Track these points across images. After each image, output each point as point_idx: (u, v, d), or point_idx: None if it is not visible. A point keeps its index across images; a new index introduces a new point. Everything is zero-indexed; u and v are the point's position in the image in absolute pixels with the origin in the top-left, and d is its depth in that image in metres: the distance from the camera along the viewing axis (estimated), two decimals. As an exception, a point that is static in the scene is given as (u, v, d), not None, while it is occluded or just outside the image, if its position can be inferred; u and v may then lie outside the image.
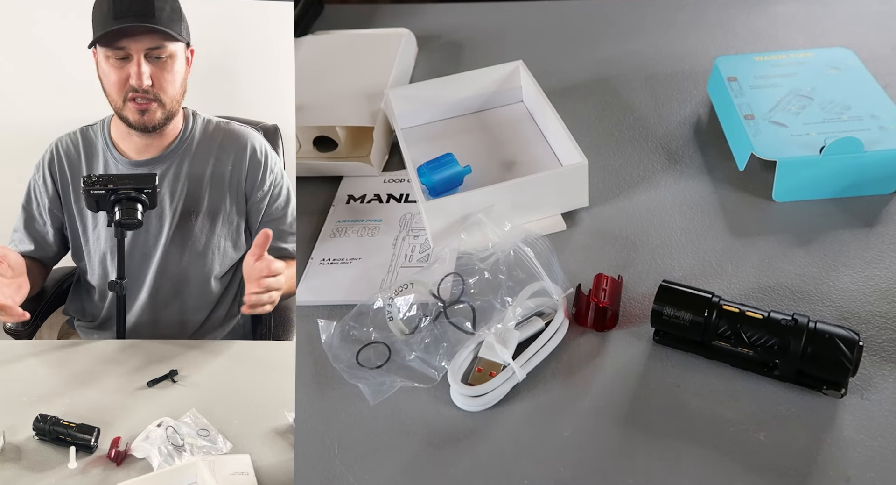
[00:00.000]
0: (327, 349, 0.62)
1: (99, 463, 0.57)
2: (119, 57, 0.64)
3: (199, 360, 0.66)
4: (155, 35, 0.64)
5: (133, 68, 0.64)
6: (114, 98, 0.66)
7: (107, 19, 0.64)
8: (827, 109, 0.73)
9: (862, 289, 0.62)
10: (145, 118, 0.66)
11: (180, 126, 0.68)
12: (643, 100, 0.87)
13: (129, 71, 0.64)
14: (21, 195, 0.69)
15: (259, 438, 0.59)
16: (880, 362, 0.56)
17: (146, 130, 0.66)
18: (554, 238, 0.69)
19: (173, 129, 0.68)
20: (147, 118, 0.66)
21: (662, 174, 0.76)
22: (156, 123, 0.66)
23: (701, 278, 0.64)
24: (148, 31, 0.64)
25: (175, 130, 0.68)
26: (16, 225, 0.69)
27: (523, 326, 0.60)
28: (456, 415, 0.57)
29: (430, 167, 0.73)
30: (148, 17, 0.64)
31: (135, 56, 0.64)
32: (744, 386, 0.56)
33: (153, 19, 0.64)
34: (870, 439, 0.52)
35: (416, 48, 1.01)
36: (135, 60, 0.64)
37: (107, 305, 0.68)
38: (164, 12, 0.64)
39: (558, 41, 1.01)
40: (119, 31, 0.63)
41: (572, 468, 0.53)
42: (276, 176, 0.69)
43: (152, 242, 0.67)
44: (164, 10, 0.64)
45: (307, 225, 0.76)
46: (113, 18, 0.64)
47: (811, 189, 0.70)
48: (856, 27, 0.93)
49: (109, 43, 0.64)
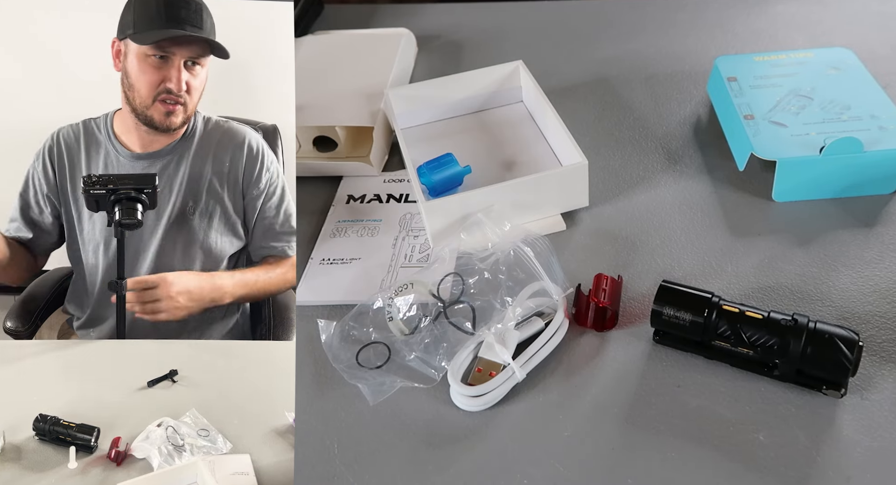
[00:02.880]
0: (327, 349, 0.62)
1: (99, 463, 0.57)
2: (160, 57, 0.65)
3: (199, 360, 0.66)
4: (201, 45, 0.66)
5: (173, 73, 0.66)
6: (143, 96, 0.66)
7: (156, 20, 0.65)
8: (827, 109, 0.73)
9: (862, 289, 0.62)
10: (169, 120, 0.67)
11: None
12: (643, 100, 0.87)
13: (168, 74, 0.66)
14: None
15: (259, 438, 0.59)
16: (880, 362, 0.56)
17: (164, 131, 0.67)
18: (554, 238, 0.69)
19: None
20: (171, 120, 0.67)
21: (662, 174, 0.76)
22: (176, 126, 0.68)
23: (701, 278, 0.64)
24: (196, 40, 0.65)
25: (180, 129, 0.68)
26: (12, 214, 0.69)
27: (523, 326, 0.60)
28: (456, 415, 0.57)
29: (429, 167, 0.73)
30: (198, 26, 0.65)
31: (176, 61, 0.65)
32: (744, 386, 0.56)
33: (202, 31, 0.65)
34: (870, 439, 0.52)
35: (415, 48, 1.01)
36: (175, 65, 0.66)
37: (96, 295, 0.69)
38: (208, 23, 0.66)
39: (558, 41, 1.01)
40: (175, 38, 0.64)
41: (572, 468, 0.53)
42: (271, 174, 0.70)
43: (147, 237, 0.68)
44: (208, 23, 0.66)
45: (307, 225, 0.76)
46: (165, 21, 0.64)
47: (811, 189, 0.70)
48: (856, 27, 0.93)
49: (157, 44, 0.65)
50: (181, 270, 0.67)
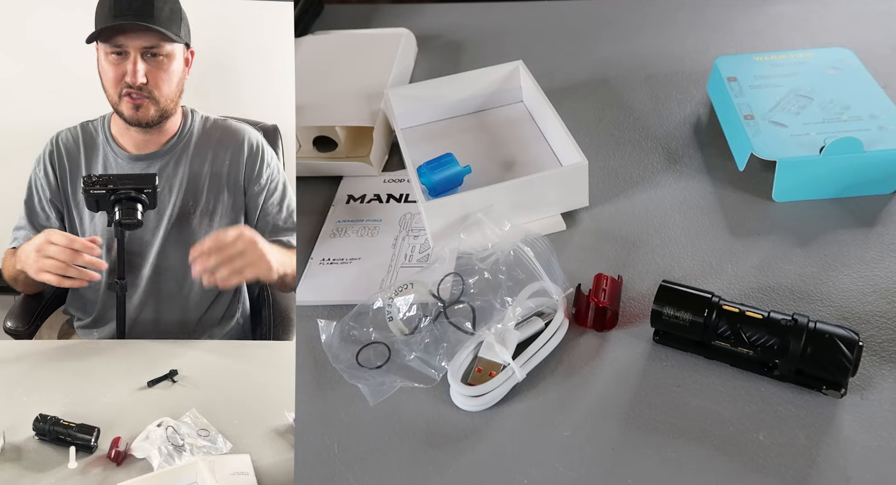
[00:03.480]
0: (327, 349, 0.62)
1: (99, 463, 0.57)
2: (116, 53, 0.65)
3: (199, 360, 0.66)
4: (152, 34, 0.65)
5: (129, 66, 0.65)
6: (110, 93, 0.67)
7: (107, 17, 0.65)
8: (827, 109, 0.73)
9: (862, 289, 0.62)
10: (139, 114, 0.67)
11: (179, 123, 0.69)
12: (643, 100, 0.87)
13: (126, 68, 0.65)
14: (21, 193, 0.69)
15: (259, 438, 0.59)
16: (880, 362, 0.56)
17: (141, 126, 0.67)
18: (554, 238, 0.69)
19: (172, 125, 0.68)
20: (141, 114, 0.67)
21: (662, 174, 0.76)
22: (150, 120, 0.67)
23: (701, 278, 0.64)
24: (145, 30, 0.65)
25: (174, 127, 0.68)
26: (18, 222, 0.69)
27: (523, 326, 0.60)
28: (456, 415, 0.57)
29: (429, 167, 0.73)
30: (146, 16, 0.65)
31: (132, 54, 0.65)
32: (744, 386, 0.56)
33: (151, 19, 0.65)
34: (870, 439, 0.52)
35: (415, 48, 1.01)
36: (131, 58, 0.65)
37: (101, 298, 0.68)
38: (164, 12, 0.65)
39: (558, 41, 1.01)
40: (117, 29, 0.64)
41: (572, 468, 0.53)
42: (272, 171, 0.70)
43: (149, 238, 0.68)
44: (164, 10, 0.65)
45: (307, 225, 0.76)
46: (112, 16, 0.64)
47: (811, 189, 0.70)
48: (856, 27, 0.93)
49: (108, 40, 0.65)
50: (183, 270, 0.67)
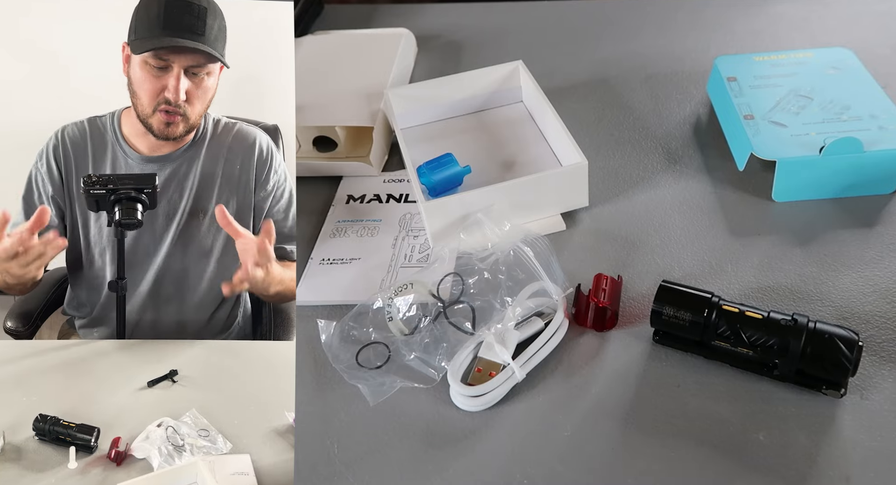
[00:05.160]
0: (327, 349, 0.62)
1: (99, 463, 0.57)
2: (159, 66, 0.64)
3: (199, 360, 0.66)
4: (200, 54, 0.64)
5: (171, 82, 0.64)
6: (144, 105, 0.65)
7: (154, 27, 0.63)
8: (826, 109, 0.73)
9: (862, 289, 0.62)
10: (169, 130, 0.66)
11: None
12: (643, 100, 0.87)
13: (166, 83, 0.64)
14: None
15: (259, 438, 0.59)
16: (880, 362, 0.56)
17: (164, 140, 0.66)
18: (554, 238, 0.69)
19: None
20: (171, 130, 0.66)
21: (662, 174, 0.76)
22: (176, 136, 0.66)
23: (701, 278, 0.64)
24: (194, 49, 0.63)
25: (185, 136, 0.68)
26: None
27: (523, 326, 0.60)
28: (456, 415, 0.57)
29: (429, 167, 0.73)
30: (198, 35, 0.63)
31: (175, 70, 0.64)
32: (743, 386, 0.56)
33: (202, 38, 0.63)
34: (869, 439, 0.52)
35: (415, 48, 1.01)
36: (174, 74, 0.64)
37: (102, 299, 0.68)
38: (213, 30, 0.64)
39: (558, 41, 1.01)
40: (172, 48, 0.63)
41: (572, 468, 0.53)
42: (279, 177, 0.69)
43: (157, 240, 0.67)
44: (213, 28, 0.64)
45: (307, 225, 0.76)
46: (162, 28, 0.63)
47: (811, 189, 0.70)
48: (856, 27, 0.93)
49: (154, 53, 0.63)
50: (189, 273, 0.67)
